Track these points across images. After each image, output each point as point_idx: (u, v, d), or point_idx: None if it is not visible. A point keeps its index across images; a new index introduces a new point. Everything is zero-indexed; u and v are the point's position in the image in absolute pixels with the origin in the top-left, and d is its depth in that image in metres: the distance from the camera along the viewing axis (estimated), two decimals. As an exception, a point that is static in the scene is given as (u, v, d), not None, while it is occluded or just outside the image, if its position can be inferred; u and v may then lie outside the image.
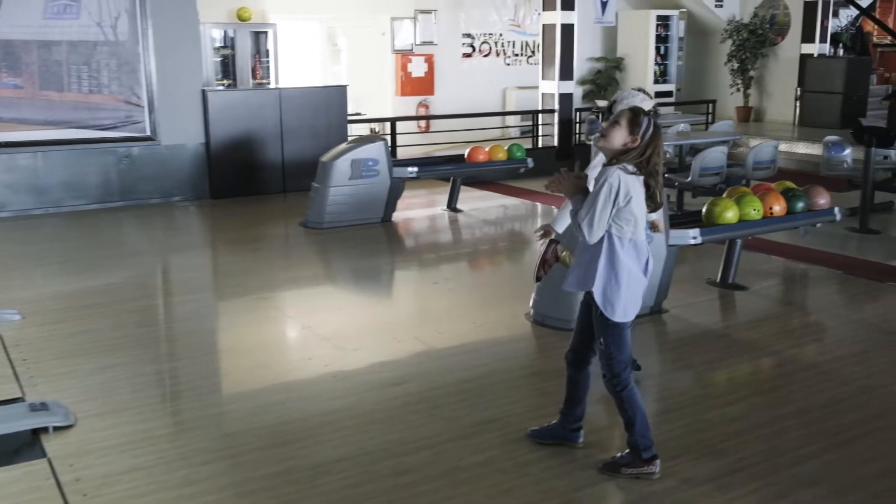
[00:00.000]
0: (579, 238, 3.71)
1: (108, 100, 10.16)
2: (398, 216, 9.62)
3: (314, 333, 5.96)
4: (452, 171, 10.03)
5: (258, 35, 14.24)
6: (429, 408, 4.62)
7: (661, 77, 17.46)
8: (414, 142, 13.23)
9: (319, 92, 11.58)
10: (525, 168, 10.12)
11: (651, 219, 4.25)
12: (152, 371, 5.25)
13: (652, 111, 3.87)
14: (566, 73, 13.25)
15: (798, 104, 16.72)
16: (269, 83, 14.17)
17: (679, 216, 7.29)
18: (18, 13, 9.55)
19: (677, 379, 5.17)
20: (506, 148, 10.06)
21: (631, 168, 3.58)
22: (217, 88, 11.35)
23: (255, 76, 14.30)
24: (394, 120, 12.72)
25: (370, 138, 9.77)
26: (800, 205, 6.77)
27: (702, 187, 9.49)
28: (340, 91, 11.53)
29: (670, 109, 15.63)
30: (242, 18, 13.89)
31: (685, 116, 14.04)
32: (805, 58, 16.65)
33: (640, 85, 17.09)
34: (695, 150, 10.33)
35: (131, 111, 10.23)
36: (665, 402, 4.73)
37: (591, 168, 4.49)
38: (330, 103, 11.31)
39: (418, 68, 15.57)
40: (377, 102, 15.30)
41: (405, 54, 15.48)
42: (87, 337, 5.77)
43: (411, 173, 9.39)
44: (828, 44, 16.96)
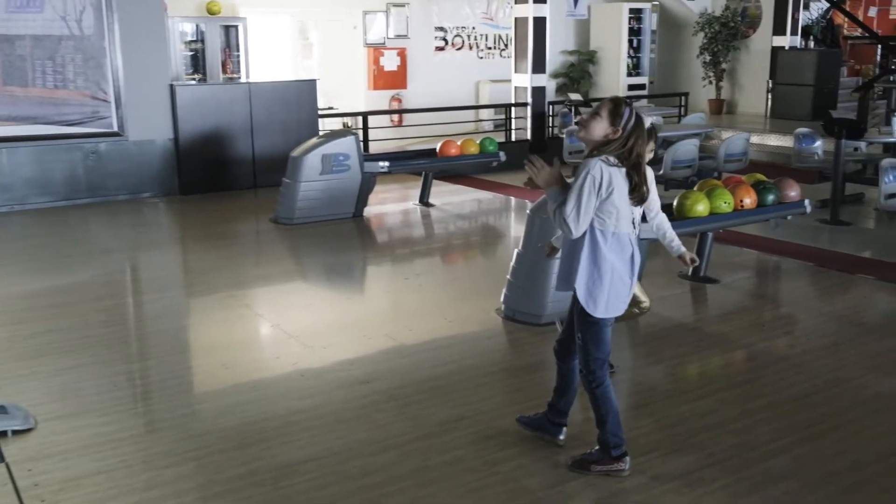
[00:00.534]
0: (562, 233, 3.63)
1: (74, 95, 9.99)
2: (370, 211, 9.54)
3: (283, 331, 5.88)
4: (424, 166, 9.95)
5: (228, 29, 14.08)
6: (397, 406, 4.56)
7: (634, 70, 17.46)
8: (387, 136, 13.15)
9: (290, 86, 11.46)
10: (497, 162, 10.06)
11: (680, 252, 4.09)
12: (117, 372, 5.14)
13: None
14: (539, 67, 13.21)
15: (770, 96, 16.79)
16: (240, 77, 14.03)
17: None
18: (-20, 7, 9.38)
19: (649, 373, 5.14)
20: (478, 142, 10.00)
21: (613, 160, 3.51)
22: (185, 83, 11.20)
23: (226, 70, 14.14)
24: (365, 114, 12.62)
25: (341, 133, 9.67)
26: (770, 197, 6.77)
27: (674, 180, 9.49)
28: (311, 85, 11.42)
29: (643, 102, 15.64)
30: (212, 12, 13.73)
31: (658, 109, 14.06)
32: (776, 50, 16.71)
33: (614, 78, 17.18)
34: (667, 143, 10.32)
35: (98, 106, 10.07)
36: (636, 397, 4.69)
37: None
38: (300, 97, 11.20)
39: (391, 62, 15.48)
40: (350, 96, 15.19)
41: (377, 48, 15.37)
42: (51, 337, 5.66)
43: (383, 168, 9.32)
44: (799, 36, 17.02)
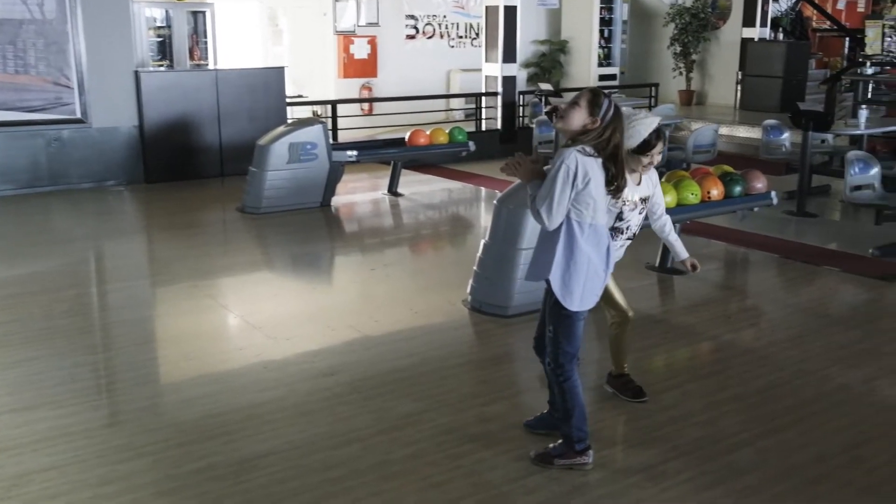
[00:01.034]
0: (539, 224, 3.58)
1: (36, 81, 9.80)
2: (338, 201, 9.46)
3: (247, 322, 5.80)
4: (393, 155, 9.87)
5: (196, 15, 13.91)
6: (360, 399, 4.50)
7: (605, 60, 17.46)
8: (357, 125, 13.04)
9: (257, 73, 11.32)
10: (467, 151, 10.00)
11: (682, 258, 4.39)
12: (76, 363, 5.03)
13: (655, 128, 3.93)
14: (509, 56, 13.13)
15: (739, 88, 16.85)
16: (208, 64, 13.86)
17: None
18: (-62, -11, 9.16)
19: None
20: (447, 131, 9.93)
21: (589, 150, 3.46)
22: (150, 69, 11.02)
23: (193, 57, 13.97)
24: (334, 102, 12.50)
25: (308, 121, 9.56)
26: (737, 189, 6.77)
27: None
28: (278, 73, 11.28)
29: (614, 92, 15.63)
30: (179, -3, 13.55)
31: (628, 100, 14.05)
32: (746, 42, 16.76)
33: (585, 68, 17.17)
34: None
35: (60, 93, 9.88)
36: (601, 390, 4.66)
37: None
38: (268, 85, 11.07)
39: (361, 50, 15.34)
40: (319, 84, 15.05)
41: (347, 36, 15.23)
42: (10, 328, 5.54)
43: (351, 157, 9.24)
44: (768, 28, 17.09)
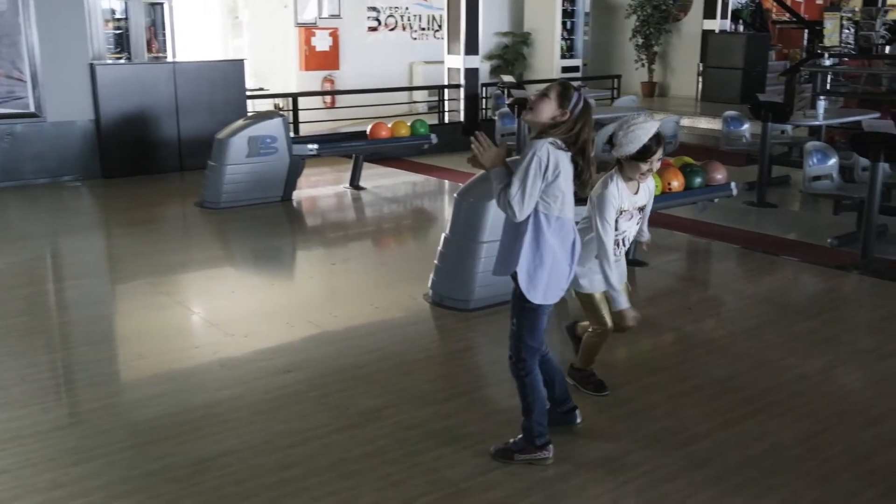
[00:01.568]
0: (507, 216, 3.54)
1: (-13, 74, 9.59)
2: (299, 195, 9.37)
3: (204, 319, 5.72)
4: (354, 148, 9.79)
5: (154, 7, 13.66)
6: (319, 396, 4.44)
7: (568, 52, 17.50)
8: (319, 118, 12.92)
9: (216, 66, 11.18)
10: (429, 144, 9.94)
11: (645, 239, 4.40)
12: (27, 364, 4.91)
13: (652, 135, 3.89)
14: (472, 48, 13.09)
15: (700, 79, 16.97)
16: (166, 57, 13.64)
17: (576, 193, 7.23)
18: None
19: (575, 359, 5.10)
20: (409, 124, 9.87)
21: (560, 143, 3.43)
22: (106, 62, 10.82)
23: (151, 49, 13.73)
24: (295, 95, 12.38)
25: (268, 114, 9.44)
26: (697, 180, 6.79)
27: (605, 163, 9.47)
28: (238, 65, 11.15)
29: (583, 86, 15.66)
30: (136, -11, 13.30)
31: (591, 91, 14.08)
32: (707, 33, 16.88)
33: (548, 60, 17.17)
34: (599, 126, 10.31)
35: (13, 86, 9.68)
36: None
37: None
38: (227, 78, 10.92)
39: (322, 42, 15.21)
40: (281, 77, 14.91)
41: (309, 28, 15.09)
42: (-42, 328, 5.41)
43: (311, 150, 9.14)
44: (729, 20, 17.24)
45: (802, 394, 4.53)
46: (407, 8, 16.37)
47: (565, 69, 17.01)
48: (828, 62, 13.04)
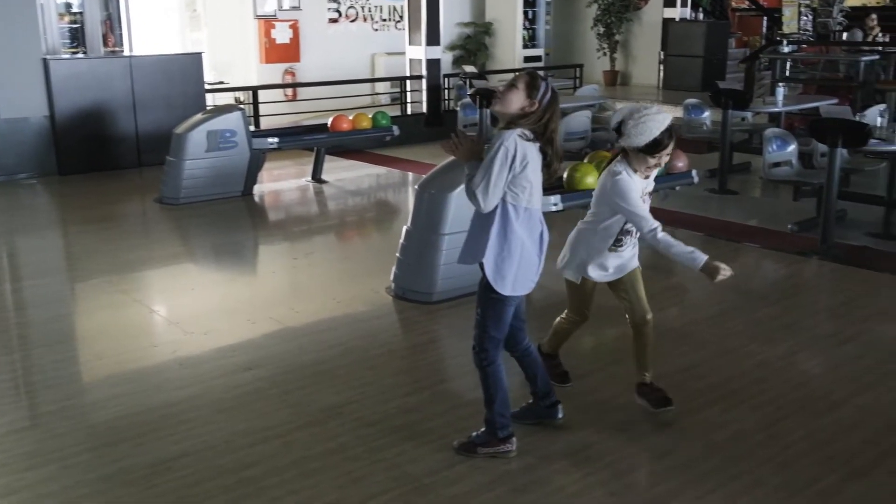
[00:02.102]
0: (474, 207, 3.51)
1: (-63, 70, 9.35)
2: (260, 189, 9.27)
3: (162, 318, 5.62)
4: (315, 141, 9.69)
5: (110, 0, 13.43)
6: (280, 393, 4.38)
7: (530, 42, 17.50)
8: (281, 111, 12.79)
9: (174, 60, 11.00)
10: (391, 136, 9.87)
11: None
12: (-21, 367, 4.81)
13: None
14: (433, 39, 13.01)
15: (662, 67, 17.05)
16: (123, 51, 13.42)
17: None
18: None
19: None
20: (371, 116, 9.79)
21: (529, 134, 3.41)
22: (60, 57, 10.60)
23: (108, 44, 13.50)
24: (255, 88, 12.24)
25: (227, 108, 9.32)
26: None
27: (568, 152, 9.48)
28: (196, 59, 11.00)
29: (550, 75, 15.65)
30: (91, -18, 13.04)
31: (554, 81, 14.05)
32: (667, 22, 16.96)
33: (510, 50, 17.15)
34: (561, 115, 10.31)
35: (-36, 82, 9.46)
36: (521, 376, 4.62)
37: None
38: (185, 72, 10.77)
39: (283, 34, 15.07)
40: (241, 70, 14.74)
41: (269, 20, 14.94)
42: None
43: (272, 144, 9.04)
44: (689, 8, 17.32)
45: (764, 380, 4.55)
46: (367, -1, 16.27)
47: (528, 59, 17.02)
48: (786, 49, 13.14)
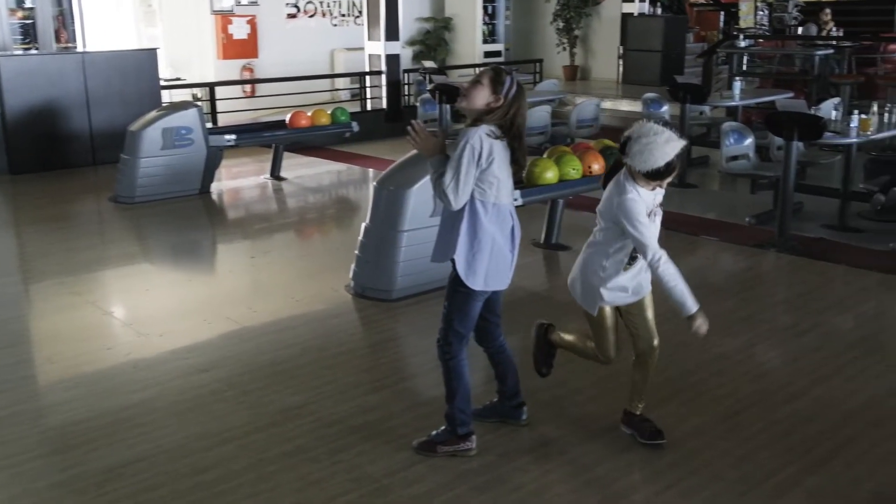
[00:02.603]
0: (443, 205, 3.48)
1: None
2: (218, 187, 9.15)
3: (117, 319, 5.52)
4: (274, 138, 9.58)
5: (61, -5, 13.18)
6: (237, 395, 4.31)
7: (490, 37, 17.47)
8: (239, 107, 12.63)
9: (128, 56, 10.82)
10: (350, 132, 9.81)
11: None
12: (-75, 373, 4.67)
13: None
14: (392, 34, 12.94)
15: (621, 62, 17.13)
16: (77, 47, 13.17)
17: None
18: None
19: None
20: (329, 112, 9.71)
21: (497, 132, 3.40)
22: (11, 53, 10.38)
23: (61, 40, 13.24)
24: (212, 85, 12.08)
25: (183, 105, 9.18)
26: (618, 163, 6.80)
27: (527, 147, 9.47)
28: (151, 55, 10.82)
29: (515, 69, 15.63)
30: (42, -23, 12.77)
31: (518, 76, 14.05)
32: (626, 17, 17.04)
33: (470, 45, 17.12)
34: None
35: None
36: (485, 372, 4.57)
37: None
38: (140, 68, 10.59)
39: (240, 30, 14.89)
40: (199, 67, 14.54)
41: (226, 15, 14.75)
42: None
43: (229, 141, 8.92)
44: (647, 3, 17.41)
45: (723, 373, 4.57)
46: (326, -6, 16.13)
47: (487, 54, 16.99)
48: (743, 44, 13.27)
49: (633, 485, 3.51)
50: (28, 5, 12.80)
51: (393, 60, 12.99)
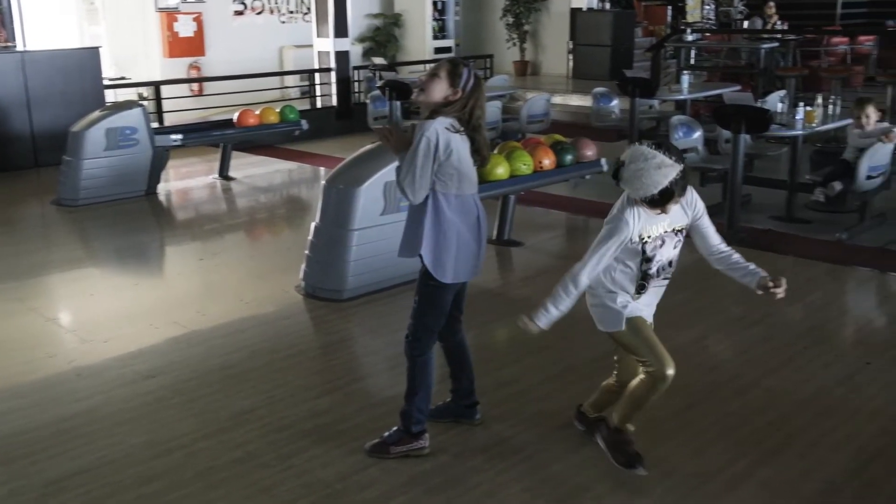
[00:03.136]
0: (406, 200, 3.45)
1: None
2: (165, 188, 8.99)
3: (59, 326, 5.37)
4: (222, 137, 9.43)
5: (-1, -7, 12.84)
6: (185, 401, 4.21)
7: (440, 33, 17.42)
8: (187, 106, 12.42)
9: (70, 55, 10.59)
10: (300, 130, 9.70)
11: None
12: None
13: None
14: (341, 31, 12.80)
15: (571, 57, 17.18)
16: (16, 46, 12.84)
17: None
18: None
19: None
20: (278, 110, 9.58)
21: (456, 125, 3.37)
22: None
23: (-1, 39, 12.91)
24: (157, 83, 11.85)
25: (127, 104, 8.99)
26: (568, 157, 6.81)
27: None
28: (93, 53, 10.59)
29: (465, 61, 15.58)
30: (-22, -26, 12.46)
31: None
32: (575, 11, 17.09)
33: (420, 41, 17.04)
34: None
35: None
36: (441, 370, 4.53)
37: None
38: (82, 67, 10.36)
39: (186, 27, 14.63)
40: (144, 65, 14.26)
41: (171, 13, 14.48)
42: None
43: (175, 141, 8.76)
44: (597, -3, 17.49)
45: (676, 366, 4.56)
46: (274, -10, 15.93)
47: (438, 50, 16.93)
48: (690, 38, 13.40)
49: (588, 482, 3.48)
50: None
51: (342, 57, 12.86)
